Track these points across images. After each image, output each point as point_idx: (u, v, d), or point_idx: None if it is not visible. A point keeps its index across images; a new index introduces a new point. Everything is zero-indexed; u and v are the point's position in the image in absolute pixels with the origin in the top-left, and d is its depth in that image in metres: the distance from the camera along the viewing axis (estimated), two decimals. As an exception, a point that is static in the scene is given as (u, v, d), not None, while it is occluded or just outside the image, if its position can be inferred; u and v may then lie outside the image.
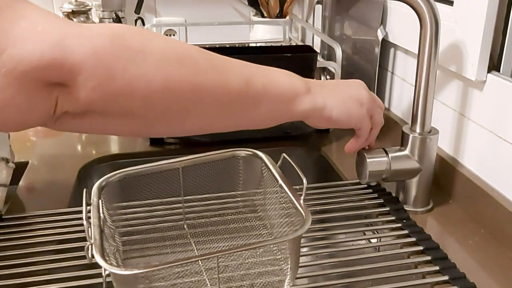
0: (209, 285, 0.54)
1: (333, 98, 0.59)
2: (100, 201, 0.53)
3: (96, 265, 0.46)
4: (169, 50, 0.47)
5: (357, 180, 0.73)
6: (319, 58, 1.18)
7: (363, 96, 0.61)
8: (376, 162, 0.68)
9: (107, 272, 0.45)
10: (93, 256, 0.45)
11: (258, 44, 1.35)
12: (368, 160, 0.68)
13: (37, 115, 0.43)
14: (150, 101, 0.46)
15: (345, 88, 0.61)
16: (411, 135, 0.68)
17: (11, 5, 0.40)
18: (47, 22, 0.41)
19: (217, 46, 1.29)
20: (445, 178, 0.75)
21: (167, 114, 0.48)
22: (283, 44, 1.31)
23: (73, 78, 0.41)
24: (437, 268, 0.57)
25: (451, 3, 0.72)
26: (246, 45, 1.38)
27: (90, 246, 0.46)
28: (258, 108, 0.54)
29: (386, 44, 0.94)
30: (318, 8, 1.26)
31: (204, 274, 0.55)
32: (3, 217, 0.66)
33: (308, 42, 1.36)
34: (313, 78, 0.94)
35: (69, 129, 0.47)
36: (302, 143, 0.95)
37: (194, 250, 0.63)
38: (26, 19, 0.40)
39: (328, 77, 1.18)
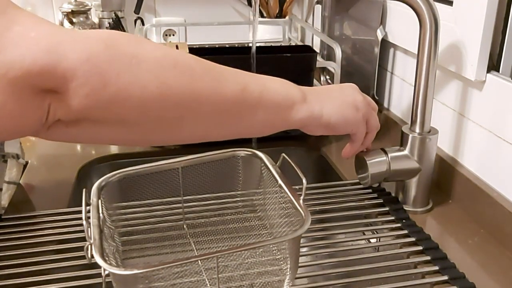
0: (208, 285, 0.54)
1: (330, 104, 0.59)
2: (99, 201, 0.53)
3: (95, 265, 0.46)
4: (163, 57, 0.46)
5: (357, 180, 0.73)
6: (319, 58, 1.18)
7: (358, 101, 0.61)
8: (376, 163, 0.68)
9: (106, 272, 0.45)
10: (92, 256, 0.45)
11: (258, 44, 1.34)
12: (368, 162, 0.68)
13: (29, 123, 0.42)
14: (144, 108, 0.45)
15: (340, 93, 0.61)
16: (410, 135, 0.68)
17: (4, 11, 0.40)
18: (41, 28, 0.40)
19: (217, 46, 1.29)
20: (444, 178, 0.75)
21: (162, 122, 0.48)
22: (283, 44, 1.31)
23: (65, 84, 0.41)
24: (436, 268, 0.57)
25: (450, 3, 0.72)
26: (246, 45, 1.38)
27: (89, 246, 0.46)
28: (255, 116, 0.53)
29: (385, 44, 0.94)
30: (318, 8, 1.27)
31: (204, 274, 0.55)
32: (3, 217, 0.66)
33: (308, 42, 1.36)
34: (312, 78, 0.94)
35: (62, 138, 0.46)
36: (301, 143, 0.96)
37: (194, 250, 0.63)
38: (19, 24, 0.40)
39: (327, 77, 1.18)
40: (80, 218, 0.58)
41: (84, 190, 0.53)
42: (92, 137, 0.48)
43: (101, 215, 0.51)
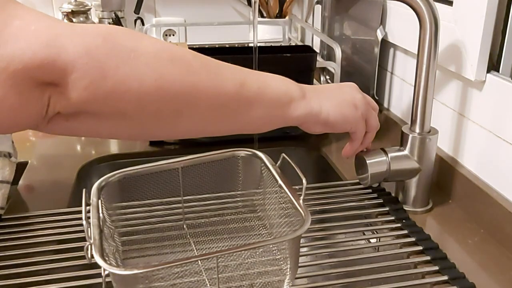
0: (208, 285, 0.54)
1: (328, 102, 0.59)
2: (99, 201, 0.53)
3: (95, 265, 0.46)
4: (161, 50, 0.47)
5: (357, 180, 0.73)
6: (319, 58, 1.18)
7: (357, 99, 0.61)
8: (376, 163, 0.68)
9: (106, 272, 0.45)
10: (92, 256, 0.45)
11: (258, 44, 1.34)
12: (368, 162, 0.68)
13: (29, 116, 0.42)
14: (142, 102, 0.46)
15: (339, 91, 0.61)
16: (410, 135, 0.68)
17: (3, 5, 0.40)
18: (40, 22, 0.41)
19: (217, 46, 1.29)
20: (444, 178, 0.75)
21: (159, 116, 0.48)
22: (283, 44, 1.31)
23: (65, 77, 0.41)
24: (436, 268, 0.57)
25: (450, 3, 0.72)
26: (246, 45, 1.38)
27: (89, 246, 0.46)
28: (253, 112, 0.53)
29: (385, 44, 0.94)
30: (318, 8, 1.27)
31: (204, 274, 0.55)
32: (3, 217, 0.66)
33: (308, 42, 1.36)
34: (312, 78, 0.94)
35: (62, 131, 0.47)
36: (301, 143, 0.96)
37: (194, 250, 0.63)
38: (19, 19, 0.40)
39: (327, 77, 1.18)
40: (80, 218, 0.58)
41: (84, 190, 0.53)
42: (91, 131, 0.48)
43: (101, 215, 0.51)
